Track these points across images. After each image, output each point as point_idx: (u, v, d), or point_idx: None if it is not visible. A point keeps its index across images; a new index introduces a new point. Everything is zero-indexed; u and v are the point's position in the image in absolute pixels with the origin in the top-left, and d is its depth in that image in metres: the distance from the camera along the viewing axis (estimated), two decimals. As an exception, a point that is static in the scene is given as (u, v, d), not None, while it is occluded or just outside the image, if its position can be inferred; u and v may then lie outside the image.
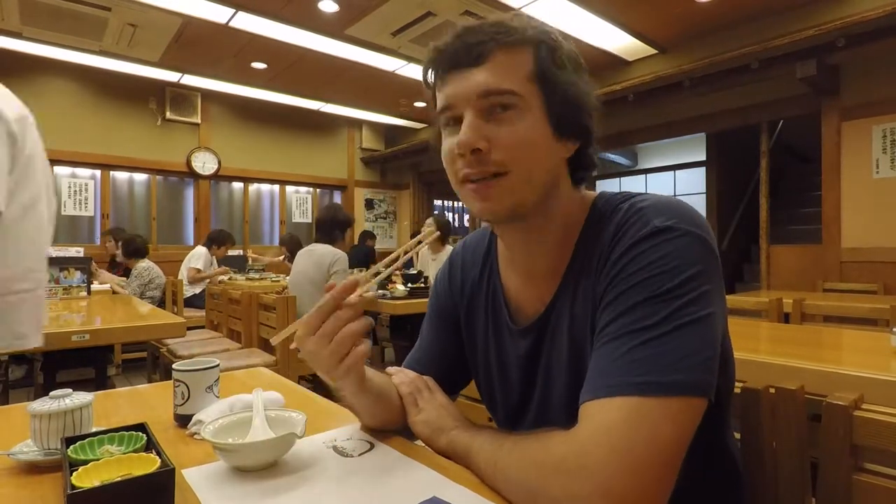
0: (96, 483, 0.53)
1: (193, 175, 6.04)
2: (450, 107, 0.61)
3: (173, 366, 0.84)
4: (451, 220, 9.24)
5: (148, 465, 0.56)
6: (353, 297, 0.60)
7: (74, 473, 0.54)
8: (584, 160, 0.65)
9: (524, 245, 0.68)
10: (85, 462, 0.57)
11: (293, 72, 5.18)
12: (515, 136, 0.58)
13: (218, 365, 0.86)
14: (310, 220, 7.10)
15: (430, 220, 3.96)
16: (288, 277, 3.73)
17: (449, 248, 4.08)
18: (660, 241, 0.56)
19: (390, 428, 0.77)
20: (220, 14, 3.92)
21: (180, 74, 5.36)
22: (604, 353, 0.54)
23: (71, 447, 0.62)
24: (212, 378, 0.84)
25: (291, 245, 5.09)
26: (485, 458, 0.61)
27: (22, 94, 1.25)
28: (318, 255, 2.88)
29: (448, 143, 0.62)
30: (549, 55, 0.60)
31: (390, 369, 0.80)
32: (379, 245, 7.50)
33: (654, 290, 0.53)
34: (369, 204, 7.62)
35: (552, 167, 0.62)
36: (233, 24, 4.07)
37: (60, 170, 5.32)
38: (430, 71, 0.64)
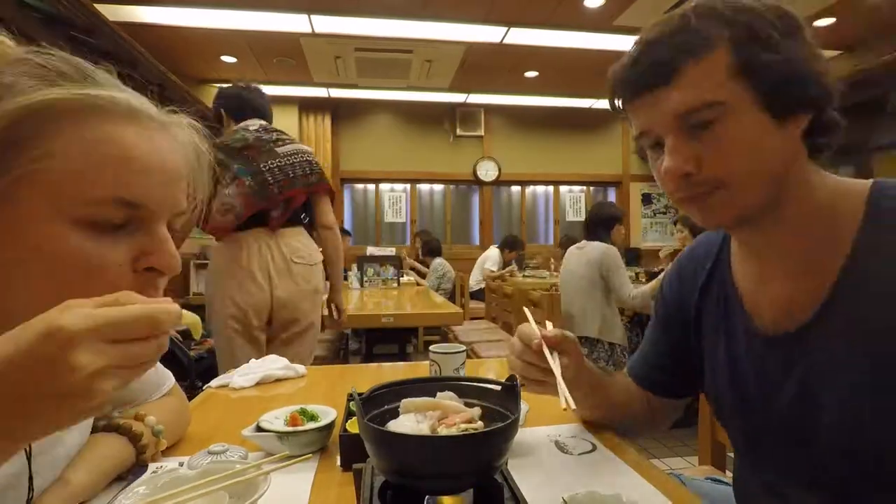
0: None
1: (478, 182, 6.78)
2: (647, 132, 0.58)
3: (430, 348, 1.00)
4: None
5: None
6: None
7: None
8: (821, 125, 0.54)
9: (762, 246, 0.60)
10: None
11: (563, 74, 5.30)
12: (726, 148, 0.53)
13: (465, 350, 0.98)
14: (582, 219, 7.13)
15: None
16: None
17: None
18: None
19: (608, 423, 0.81)
20: (495, 34, 4.31)
21: (466, 95, 6.09)
22: None
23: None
24: (458, 361, 0.97)
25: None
26: None
27: (357, 131, 1.65)
28: (587, 252, 2.87)
29: (656, 165, 0.59)
30: (748, 39, 0.51)
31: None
32: (658, 243, 7.00)
33: None
34: (647, 199, 7.15)
35: (777, 159, 0.53)
36: (506, 40, 4.42)
37: (383, 186, 6.70)
38: (615, 97, 0.61)
